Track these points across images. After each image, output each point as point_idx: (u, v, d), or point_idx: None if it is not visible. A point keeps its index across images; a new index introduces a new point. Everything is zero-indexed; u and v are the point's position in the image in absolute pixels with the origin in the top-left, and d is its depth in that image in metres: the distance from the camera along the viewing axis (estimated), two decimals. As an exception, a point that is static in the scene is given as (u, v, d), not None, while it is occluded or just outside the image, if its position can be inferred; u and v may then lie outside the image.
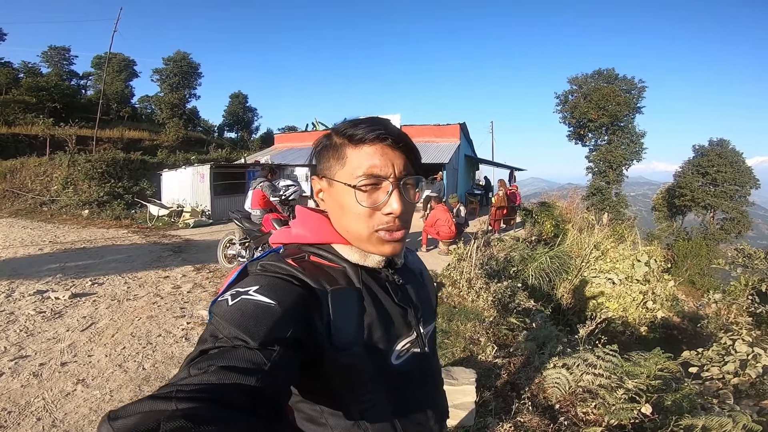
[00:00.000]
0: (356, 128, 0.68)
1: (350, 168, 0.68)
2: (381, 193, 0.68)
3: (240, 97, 37.55)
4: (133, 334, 3.80)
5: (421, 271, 0.89)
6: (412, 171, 0.71)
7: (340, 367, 0.64)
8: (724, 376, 2.62)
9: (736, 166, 27.13)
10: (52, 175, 14.67)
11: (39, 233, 9.47)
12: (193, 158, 18.82)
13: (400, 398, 0.72)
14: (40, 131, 18.34)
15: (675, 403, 2.15)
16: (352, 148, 0.69)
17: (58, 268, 6.03)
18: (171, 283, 5.48)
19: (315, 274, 0.67)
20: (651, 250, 7.55)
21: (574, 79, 28.37)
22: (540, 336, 3.40)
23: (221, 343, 0.52)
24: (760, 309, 4.34)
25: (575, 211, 12.47)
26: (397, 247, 0.71)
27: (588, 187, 27.60)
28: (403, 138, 0.70)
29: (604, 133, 27.53)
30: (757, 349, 2.72)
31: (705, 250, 19.38)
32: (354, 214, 0.68)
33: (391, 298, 0.73)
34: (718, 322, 4.75)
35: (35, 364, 3.15)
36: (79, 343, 3.57)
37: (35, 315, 4.14)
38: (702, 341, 3.82)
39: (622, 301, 6.33)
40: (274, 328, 0.54)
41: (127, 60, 33.71)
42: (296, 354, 0.57)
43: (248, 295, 0.57)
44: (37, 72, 28.39)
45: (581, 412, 2.28)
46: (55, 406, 2.62)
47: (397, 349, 0.71)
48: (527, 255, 7.51)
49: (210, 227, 10.96)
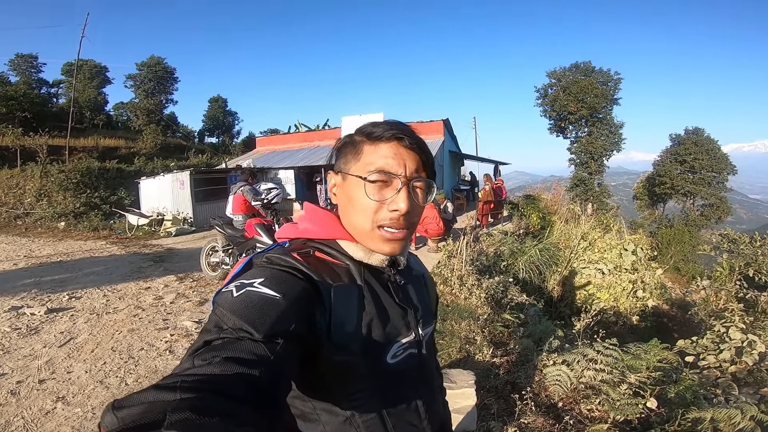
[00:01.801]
0: (375, 127, 0.72)
1: (364, 163, 0.71)
2: (390, 190, 0.70)
3: (219, 101, 36.97)
4: (114, 349, 3.67)
5: (423, 273, 0.90)
6: (424, 174, 0.73)
7: (336, 363, 0.65)
8: (720, 365, 2.60)
9: (712, 153, 27.95)
10: (24, 188, 14.22)
11: (13, 248, 9.20)
12: (172, 165, 18.40)
13: (393, 397, 0.73)
14: (10, 142, 17.78)
15: (678, 395, 2.11)
16: (369, 144, 0.72)
17: (34, 283, 5.87)
18: (153, 294, 5.34)
19: (319, 269, 0.67)
20: (637, 238, 7.64)
21: (553, 73, 28.86)
22: (536, 332, 3.35)
23: (225, 334, 0.52)
24: (749, 294, 4.39)
25: (560, 202, 12.60)
26: (397, 247, 0.72)
27: (571, 178, 28.11)
28: (418, 141, 0.72)
29: (584, 125, 28.04)
30: (751, 335, 2.71)
31: (688, 237, 19.86)
32: (361, 207, 0.70)
33: (392, 297, 0.74)
34: (708, 308, 4.80)
35: (12, 381, 3.04)
36: (57, 360, 3.45)
37: (11, 332, 4.00)
38: (692, 328, 3.84)
39: (612, 291, 6.37)
40: (279, 321, 0.55)
41: (98, 66, 32.66)
42: (297, 348, 0.57)
43: (253, 287, 0.58)
44: (5, 81, 27.29)
45: (585, 409, 2.22)
46: (35, 425, 2.54)
47: (394, 349, 0.72)
48: (517, 249, 7.50)
49: (192, 235, 10.78)
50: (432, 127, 17.65)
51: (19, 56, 31.65)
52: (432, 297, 0.91)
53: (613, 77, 27.34)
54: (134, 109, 30.64)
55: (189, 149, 26.02)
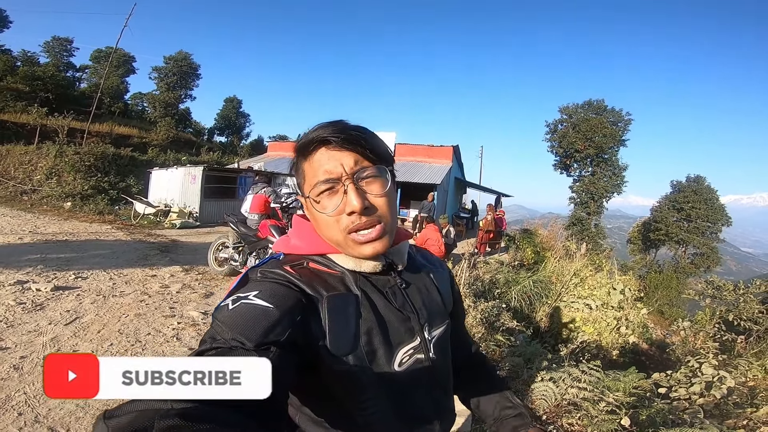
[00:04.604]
0: (306, 138, 0.69)
1: (308, 181, 0.70)
2: (338, 195, 0.67)
3: (234, 101, 37.42)
4: (121, 331, 3.68)
5: (431, 270, 0.84)
6: (367, 164, 0.68)
7: (338, 373, 0.64)
8: (690, 397, 2.80)
9: (710, 203, 28.33)
10: (36, 165, 14.39)
11: (18, 222, 9.24)
12: (184, 159, 18.66)
13: (403, 405, 0.70)
14: (32, 120, 17.95)
15: (649, 418, 2.33)
16: (304, 161, 0.70)
17: (39, 259, 5.85)
18: (159, 282, 5.38)
19: (312, 280, 0.67)
20: (626, 279, 7.87)
21: (565, 109, 29.00)
22: (527, 352, 3.56)
23: (218, 344, 0.53)
24: (726, 336, 4.60)
25: (556, 239, 12.83)
26: (378, 246, 0.69)
27: (569, 216, 28.09)
28: (346, 137, 0.67)
29: (589, 164, 28.21)
30: (722, 372, 2.93)
31: (675, 283, 20.14)
32: (324, 224, 0.69)
33: (391, 303, 0.71)
34: (685, 348, 5.00)
35: (16, 356, 3.01)
36: (63, 337, 3.44)
37: (15, 306, 3.97)
38: (668, 367, 4.03)
39: (597, 326, 6.57)
40: (271, 330, 0.55)
41: (127, 56, 33.25)
42: (293, 356, 0.57)
43: (248, 300, 0.58)
44: (34, 61, 27.79)
45: (566, 423, 2.42)
46: (37, 401, 2.49)
47: (399, 356, 0.69)
48: (511, 278, 7.71)
49: (196, 229, 10.88)
50: (442, 152, 18.01)
51: (56, 39, 32.21)
52: (445, 293, 0.84)
53: (624, 117, 27.40)
54: (153, 100, 31.04)
55: (200, 145, 26.38)
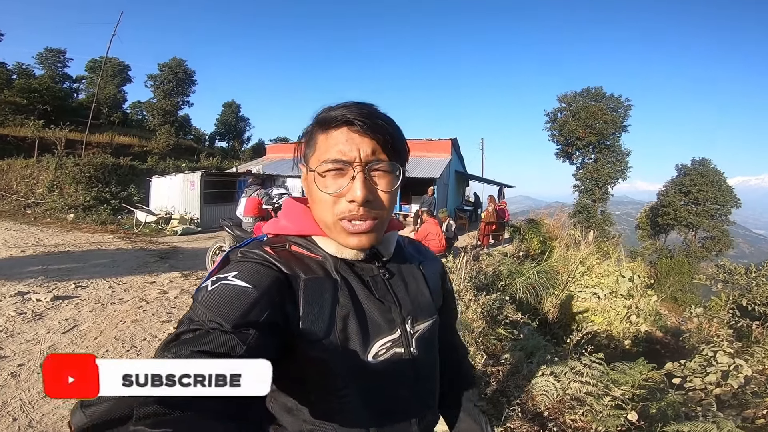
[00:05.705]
0: (330, 111, 0.67)
1: (318, 154, 0.67)
2: (345, 179, 0.64)
3: (233, 106, 37.46)
4: (117, 338, 3.74)
5: (420, 262, 0.81)
6: (384, 157, 0.66)
7: (310, 359, 0.62)
8: (706, 387, 2.68)
9: (717, 185, 27.96)
10: (38, 178, 14.52)
11: (22, 235, 9.36)
12: (183, 165, 18.70)
13: (376, 398, 0.67)
14: (30, 133, 18.08)
15: (660, 411, 2.20)
16: (322, 133, 0.67)
17: (41, 271, 5.96)
18: (157, 289, 5.43)
19: (290, 261, 0.65)
20: (635, 266, 7.69)
21: (564, 97, 28.94)
22: (528, 346, 3.45)
23: (196, 326, 0.52)
24: (741, 323, 4.46)
25: (562, 228, 12.67)
26: (365, 240, 0.67)
27: (575, 205, 28.02)
28: (372, 123, 0.65)
29: (591, 151, 28.10)
30: (738, 360, 2.80)
31: (687, 268, 19.81)
32: (319, 201, 0.67)
33: (372, 292, 0.69)
34: (700, 335, 4.86)
35: (13, 364, 3.10)
36: (60, 345, 3.51)
37: (15, 316, 4.07)
38: (684, 355, 3.90)
39: (606, 315, 6.42)
40: (249, 311, 0.54)
41: (121, 65, 33.35)
42: (273, 338, 0.56)
43: (227, 281, 0.57)
44: (30, 74, 27.97)
45: (569, 419, 2.31)
46: (32, 406, 2.58)
47: (375, 347, 0.66)
48: (515, 270, 7.57)
49: (198, 235, 10.95)
50: (440, 145, 17.84)
51: (48, 50, 32.33)
52: (434, 288, 0.81)
53: (624, 104, 27.36)
54: (151, 108, 31.19)
55: (200, 152, 26.44)
